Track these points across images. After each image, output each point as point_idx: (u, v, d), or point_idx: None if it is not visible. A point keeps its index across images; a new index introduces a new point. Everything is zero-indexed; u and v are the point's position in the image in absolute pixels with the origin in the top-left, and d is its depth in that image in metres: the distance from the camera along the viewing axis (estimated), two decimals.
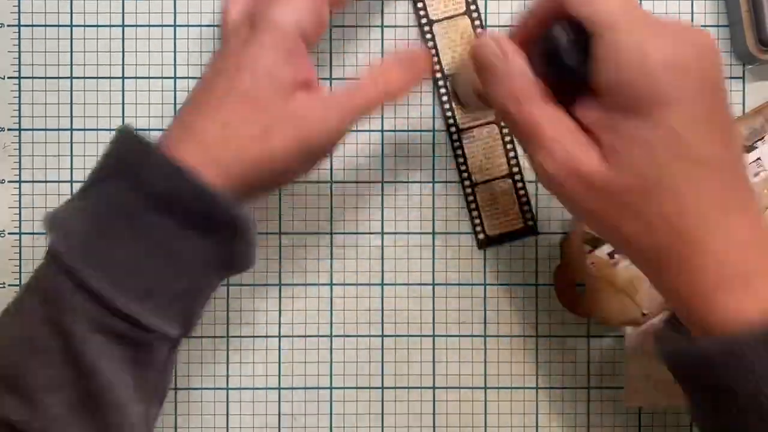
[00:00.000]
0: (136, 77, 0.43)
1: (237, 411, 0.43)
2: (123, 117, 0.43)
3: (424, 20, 0.42)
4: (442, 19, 0.42)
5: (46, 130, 0.43)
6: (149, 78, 0.43)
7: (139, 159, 0.32)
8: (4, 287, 0.43)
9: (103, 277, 0.31)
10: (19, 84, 0.43)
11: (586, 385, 0.43)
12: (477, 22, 0.42)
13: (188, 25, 0.43)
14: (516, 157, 0.42)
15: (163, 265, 0.32)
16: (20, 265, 0.43)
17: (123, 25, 0.43)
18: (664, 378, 0.43)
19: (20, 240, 0.43)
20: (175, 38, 0.43)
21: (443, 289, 0.43)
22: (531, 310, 0.43)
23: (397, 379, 0.43)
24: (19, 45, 0.43)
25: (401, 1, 0.43)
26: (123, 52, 0.43)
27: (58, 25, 0.43)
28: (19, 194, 0.43)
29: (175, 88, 0.43)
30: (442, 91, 0.42)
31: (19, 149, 0.43)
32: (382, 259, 0.43)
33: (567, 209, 0.33)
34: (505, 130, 0.42)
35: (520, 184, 0.42)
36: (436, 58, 0.42)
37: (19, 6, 0.43)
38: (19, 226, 0.43)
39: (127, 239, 0.31)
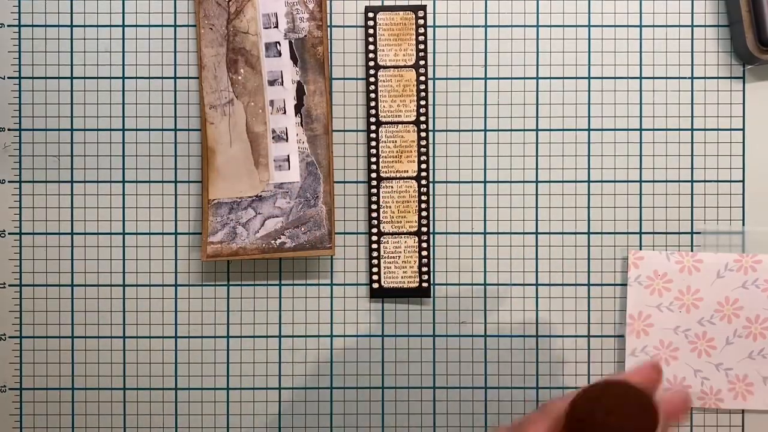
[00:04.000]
0: (136, 77, 0.43)
1: (237, 411, 0.43)
2: (123, 117, 0.43)
3: (371, 63, 0.43)
4: (389, 67, 0.42)
5: (46, 130, 0.43)
6: (149, 78, 0.43)
7: None
8: (4, 287, 0.43)
9: None
10: (19, 84, 0.43)
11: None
12: (422, 78, 0.42)
13: (188, 25, 0.43)
14: (428, 216, 0.43)
15: None
16: (20, 265, 0.43)
17: (123, 25, 0.43)
18: (664, 378, 0.43)
19: (20, 240, 0.43)
20: (175, 38, 0.43)
21: (443, 289, 0.43)
22: (531, 310, 0.43)
23: (398, 379, 0.43)
24: (19, 45, 0.43)
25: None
26: (123, 52, 0.43)
27: (58, 25, 0.43)
28: (20, 194, 0.43)
29: (175, 88, 0.43)
30: (372, 136, 0.43)
31: (19, 149, 0.43)
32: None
33: None
34: (423, 188, 0.43)
35: (424, 245, 0.43)
36: (374, 103, 0.43)
37: (19, 6, 0.43)
38: (20, 226, 0.43)
39: None
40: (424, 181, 0.43)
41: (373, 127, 0.43)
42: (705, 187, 0.43)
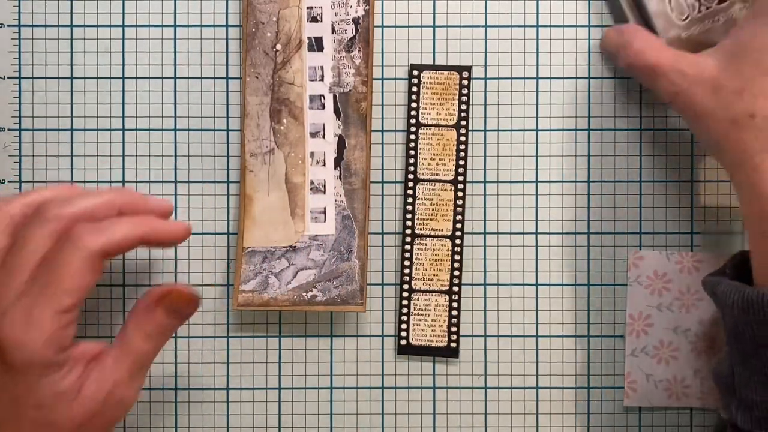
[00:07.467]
0: (136, 77, 0.43)
1: (237, 411, 0.43)
2: (123, 117, 0.43)
3: (413, 120, 0.43)
4: (431, 125, 0.42)
5: (46, 130, 0.43)
6: (149, 78, 0.43)
7: None
8: None
9: None
10: (19, 84, 0.43)
11: (586, 385, 0.43)
12: (462, 138, 0.43)
13: (188, 25, 0.43)
14: (459, 276, 0.43)
15: None
16: None
17: (123, 25, 0.43)
18: (664, 378, 0.43)
19: None
20: (175, 38, 0.43)
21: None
22: (531, 310, 0.43)
23: (398, 379, 0.43)
24: (19, 45, 0.43)
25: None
26: (123, 52, 0.43)
27: (58, 25, 0.43)
28: None
29: (175, 88, 0.43)
30: (409, 192, 0.43)
31: (19, 149, 0.43)
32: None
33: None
34: (457, 248, 0.43)
35: (455, 304, 0.43)
36: (413, 160, 0.43)
37: (19, 6, 0.43)
38: None
39: None
40: (458, 240, 0.43)
41: (410, 184, 0.43)
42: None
